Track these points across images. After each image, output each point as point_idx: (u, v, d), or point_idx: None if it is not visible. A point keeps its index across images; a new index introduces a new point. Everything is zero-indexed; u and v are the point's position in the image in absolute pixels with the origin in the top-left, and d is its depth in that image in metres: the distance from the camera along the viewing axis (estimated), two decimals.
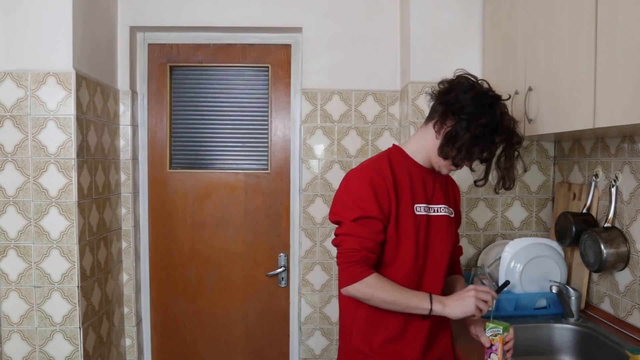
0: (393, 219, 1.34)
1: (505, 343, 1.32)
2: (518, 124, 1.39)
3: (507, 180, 1.36)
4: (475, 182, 1.42)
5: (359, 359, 1.40)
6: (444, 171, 1.42)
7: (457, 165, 1.37)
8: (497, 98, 1.35)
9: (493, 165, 1.38)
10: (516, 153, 1.36)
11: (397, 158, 1.42)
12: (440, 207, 1.44)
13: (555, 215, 2.00)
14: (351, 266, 1.28)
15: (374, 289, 1.28)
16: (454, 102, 1.32)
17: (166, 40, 2.37)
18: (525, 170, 1.58)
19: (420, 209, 1.39)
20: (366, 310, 1.39)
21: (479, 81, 1.37)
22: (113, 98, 2.19)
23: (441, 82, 1.40)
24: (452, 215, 1.48)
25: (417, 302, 1.29)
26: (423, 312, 1.30)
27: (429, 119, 1.41)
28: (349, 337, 1.43)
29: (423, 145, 1.42)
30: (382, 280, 1.30)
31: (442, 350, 1.46)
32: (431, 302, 1.29)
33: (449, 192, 1.53)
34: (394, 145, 1.49)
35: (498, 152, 1.37)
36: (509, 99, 1.40)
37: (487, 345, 1.34)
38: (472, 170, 1.39)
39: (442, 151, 1.35)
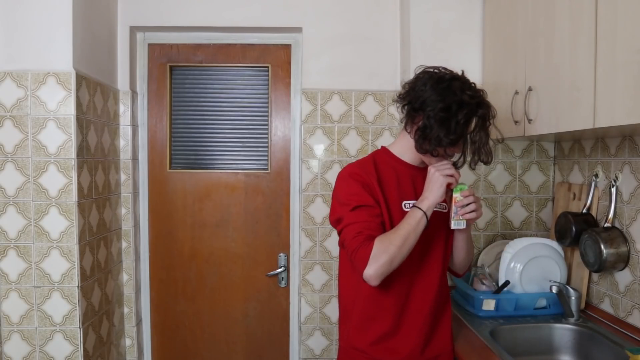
0: (385, 212, 1.36)
1: (457, 202, 1.35)
2: (485, 94, 1.37)
3: (481, 154, 1.35)
4: (454, 164, 1.40)
5: (355, 355, 1.41)
6: (427, 162, 1.42)
7: (437, 156, 1.36)
8: (454, 77, 1.35)
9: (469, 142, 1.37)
10: (488, 124, 1.34)
11: (383, 158, 1.45)
12: None
13: (555, 215, 2.00)
14: (358, 251, 1.28)
15: (384, 252, 1.26)
16: (417, 98, 1.34)
17: (166, 40, 2.37)
18: (501, 141, 1.45)
19: (409, 205, 1.39)
20: (362, 307, 1.41)
21: (437, 69, 1.37)
22: (113, 98, 2.19)
23: (403, 85, 1.42)
24: (445, 210, 1.47)
25: (414, 220, 1.29)
26: (423, 219, 1.30)
27: (404, 121, 1.43)
28: (347, 334, 1.44)
29: (407, 146, 1.44)
30: (384, 237, 1.29)
31: (440, 349, 1.47)
32: (419, 208, 1.30)
33: None
34: (381, 146, 1.51)
35: (472, 128, 1.35)
36: (462, 73, 1.38)
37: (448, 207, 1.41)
38: (450, 155, 1.38)
39: (420, 147, 1.36)
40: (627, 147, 1.67)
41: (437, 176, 1.31)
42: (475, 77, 2.14)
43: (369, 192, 1.34)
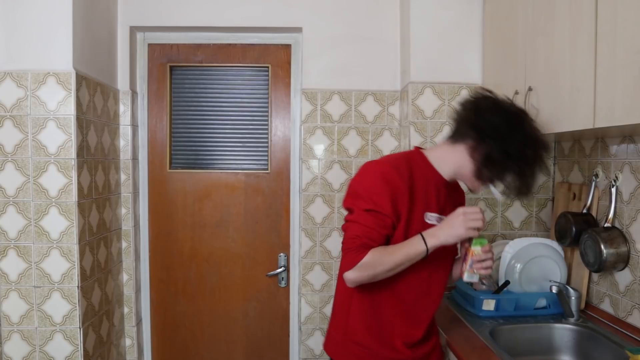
0: (403, 221, 1.32)
1: (474, 255, 1.32)
2: (542, 129, 1.37)
3: (525, 187, 1.33)
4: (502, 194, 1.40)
5: (356, 349, 1.40)
6: (477, 190, 1.42)
7: (488, 184, 1.37)
8: (524, 113, 1.35)
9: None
10: (543, 163, 1.34)
11: (417, 163, 1.40)
12: None
13: (555, 215, 1.99)
14: (349, 253, 1.29)
15: (372, 268, 1.27)
16: (487, 127, 1.31)
17: (166, 40, 2.37)
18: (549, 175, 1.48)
19: (432, 218, 1.37)
20: (360, 301, 1.40)
21: (500, 98, 1.36)
22: (113, 98, 2.19)
23: (464, 104, 1.38)
24: None
25: (414, 252, 1.28)
26: (423, 254, 1.28)
27: (457, 139, 1.39)
28: (347, 327, 1.43)
29: (451, 161, 1.39)
30: (378, 254, 1.27)
31: (434, 343, 1.49)
32: (425, 242, 1.27)
33: (456, 203, 1.50)
34: (416, 148, 1.46)
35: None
36: (525, 110, 1.39)
37: (461, 254, 1.38)
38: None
39: (481, 174, 1.34)
40: (627, 147, 1.66)
41: (460, 225, 1.27)
42: (475, 77, 2.15)
43: (392, 199, 1.30)
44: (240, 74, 2.41)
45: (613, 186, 1.69)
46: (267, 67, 2.39)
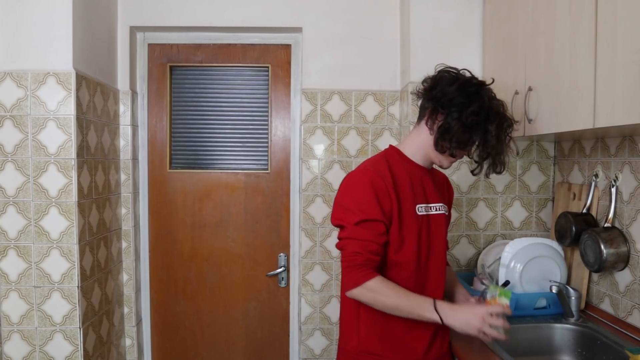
0: (395, 220, 1.33)
1: (504, 306, 1.30)
2: (507, 106, 1.39)
3: (497, 164, 1.35)
4: (471, 171, 1.41)
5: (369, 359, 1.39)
6: (445, 164, 1.42)
7: (455, 156, 1.38)
8: (482, 84, 1.36)
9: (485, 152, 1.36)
10: (508, 137, 1.35)
11: (395, 159, 1.42)
12: (438, 206, 1.45)
13: (555, 215, 2.00)
14: (354, 270, 1.29)
15: (375, 293, 1.28)
16: (442, 96, 1.33)
17: (166, 40, 2.37)
18: (517, 154, 1.46)
19: (421, 209, 1.39)
20: (368, 312, 1.37)
21: (461, 71, 1.38)
22: (113, 98, 2.19)
23: (424, 80, 1.41)
24: (447, 214, 1.50)
25: (419, 311, 1.28)
26: (428, 320, 1.29)
27: (420, 117, 1.42)
28: (355, 338, 1.41)
29: (420, 144, 1.42)
30: (385, 285, 1.29)
31: (446, 347, 1.48)
32: (440, 314, 1.27)
33: (444, 191, 1.55)
34: (390, 146, 1.49)
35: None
36: (492, 82, 1.40)
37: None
38: (470, 157, 1.40)
39: (438, 145, 1.36)
40: (627, 147, 1.67)
41: (475, 327, 1.26)
42: None
43: (380, 203, 1.30)
44: (240, 74, 2.41)
45: (613, 186, 1.69)
46: (267, 67, 2.39)
